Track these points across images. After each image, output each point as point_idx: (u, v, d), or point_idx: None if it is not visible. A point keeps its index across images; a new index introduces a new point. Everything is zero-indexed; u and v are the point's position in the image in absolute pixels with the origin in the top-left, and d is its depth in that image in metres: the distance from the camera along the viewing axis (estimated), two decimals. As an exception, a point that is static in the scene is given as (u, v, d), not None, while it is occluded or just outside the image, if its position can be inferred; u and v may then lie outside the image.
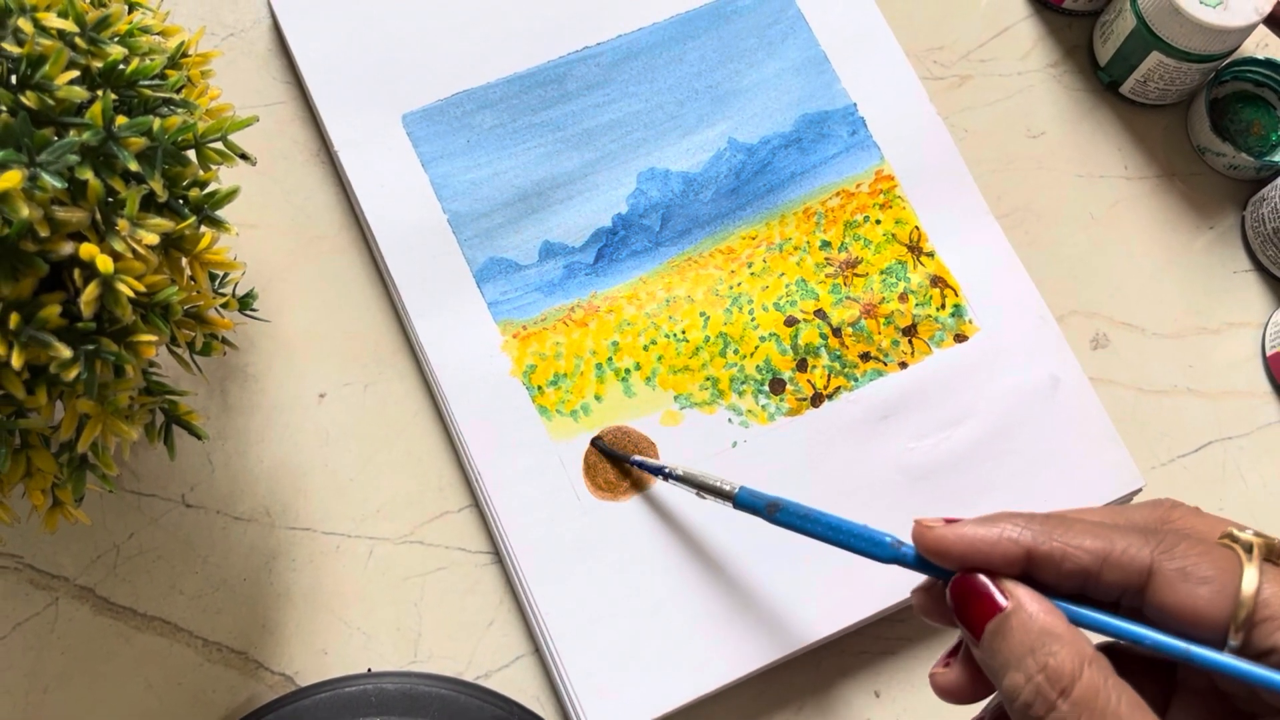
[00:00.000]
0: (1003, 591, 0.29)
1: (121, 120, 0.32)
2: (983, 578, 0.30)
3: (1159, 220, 0.55)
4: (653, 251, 0.50)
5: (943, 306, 0.50)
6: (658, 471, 0.44)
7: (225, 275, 0.45)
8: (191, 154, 0.35)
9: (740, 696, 0.46)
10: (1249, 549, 0.29)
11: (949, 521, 0.31)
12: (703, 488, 0.41)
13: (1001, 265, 0.51)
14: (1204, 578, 0.28)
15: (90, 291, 0.31)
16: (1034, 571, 0.30)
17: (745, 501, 0.39)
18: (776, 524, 0.37)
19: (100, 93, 0.32)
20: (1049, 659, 0.28)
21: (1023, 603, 0.29)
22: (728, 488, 0.40)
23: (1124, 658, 0.31)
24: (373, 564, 0.46)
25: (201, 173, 0.36)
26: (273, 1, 0.51)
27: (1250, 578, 0.28)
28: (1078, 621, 0.29)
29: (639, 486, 0.46)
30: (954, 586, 0.30)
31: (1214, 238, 0.55)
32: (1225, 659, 0.27)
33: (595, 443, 0.46)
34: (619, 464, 0.46)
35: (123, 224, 0.32)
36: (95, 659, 0.44)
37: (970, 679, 0.31)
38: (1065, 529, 0.30)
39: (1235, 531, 0.29)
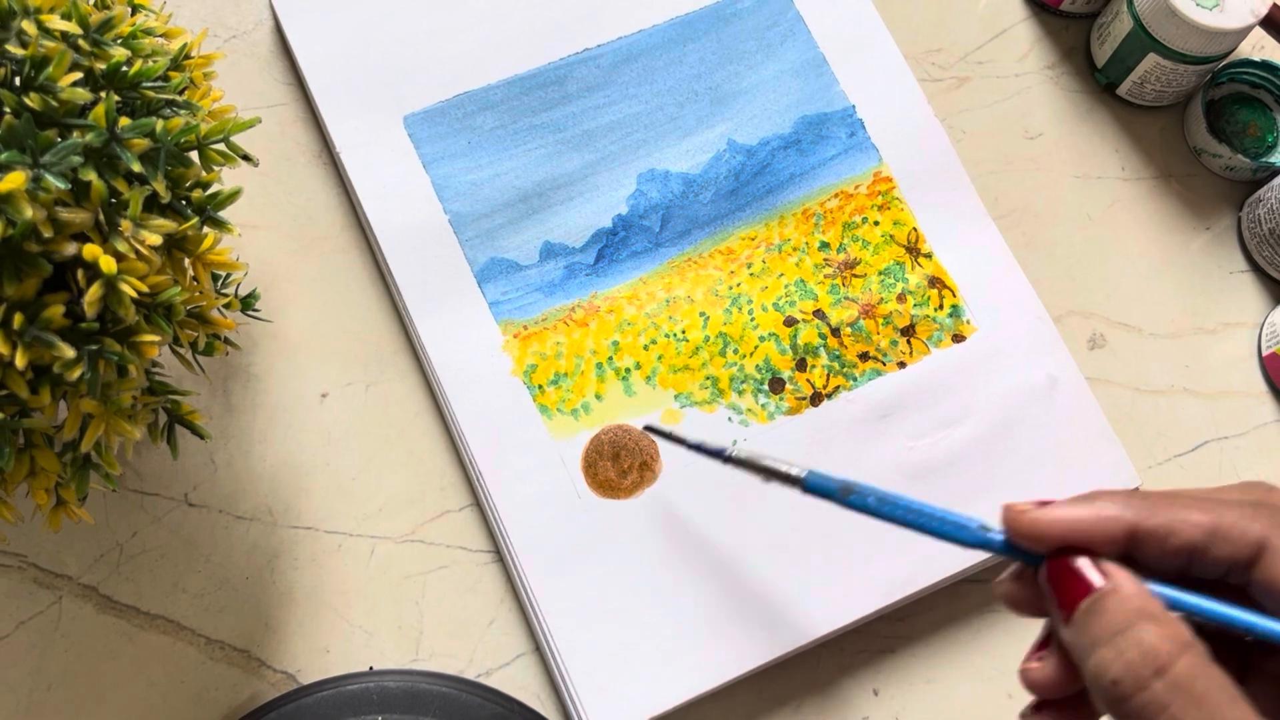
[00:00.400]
0: (1100, 571, 0.28)
1: (125, 122, 0.32)
2: (1081, 558, 0.29)
3: (1156, 221, 0.55)
4: (653, 252, 0.50)
5: (941, 307, 0.50)
6: (718, 454, 0.41)
7: (228, 276, 0.45)
8: (194, 155, 0.36)
9: (740, 694, 0.46)
10: None
11: (1040, 504, 0.30)
12: (768, 473, 0.39)
13: (999, 266, 0.51)
14: None
15: (94, 292, 0.31)
16: (1137, 550, 0.29)
17: (816, 486, 0.36)
18: (850, 507, 0.35)
19: (103, 94, 0.32)
20: (1144, 635, 0.27)
21: (1120, 583, 0.28)
22: (796, 472, 0.37)
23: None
24: (374, 563, 0.46)
25: (204, 174, 0.36)
26: (275, 4, 0.51)
27: None
28: (1176, 607, 0.28)
29: (639, 486, 0.46)
30: (1051, 567, 0.29)
31: (1210, 238, 0.55)
32: None
33: (648, 428, 0.45)
34: (616, 467, 0.46)
35: (126, 225, 0.32)
36: (98, 657, 0.44)
37: (1063, 671, 0.30)
38: (1170, 503, 0.29)
39: None
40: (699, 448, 0.42)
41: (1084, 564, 0.28)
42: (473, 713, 0.43)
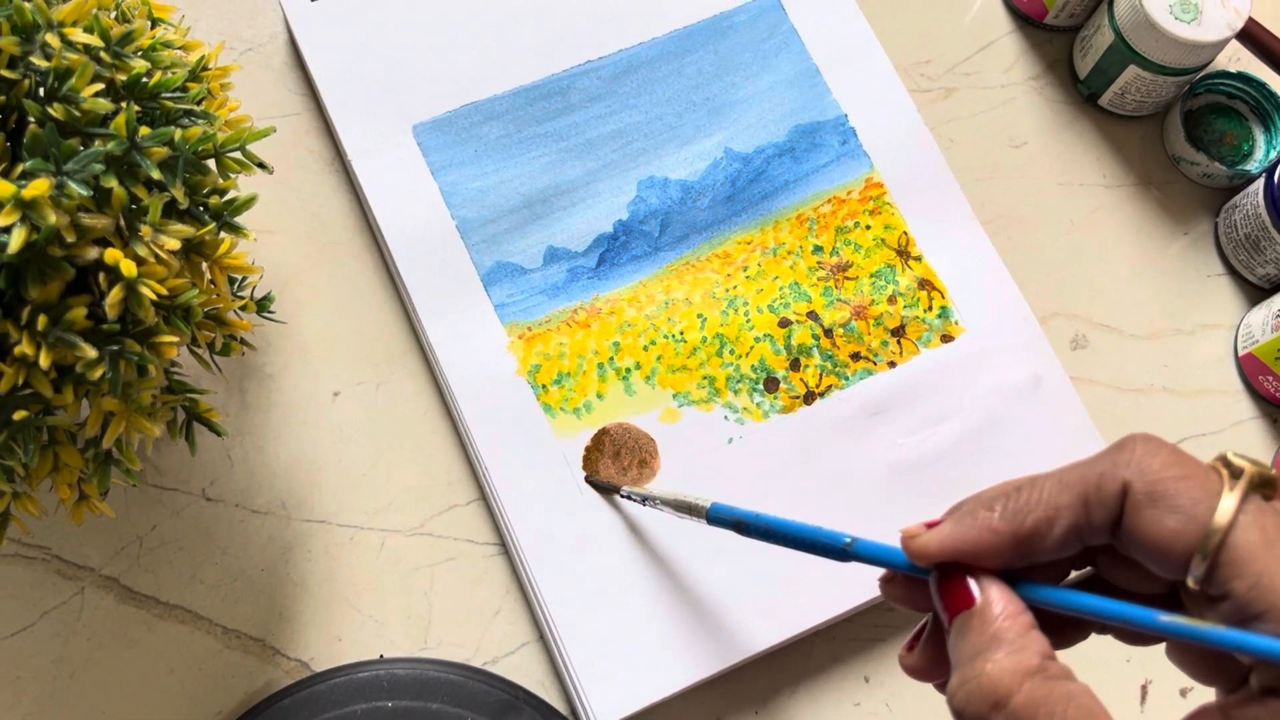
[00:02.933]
0: (979, 585, 0.27)
1: (144, 131, 0.32)
2: (961, 574, 0.28)
3: (1136, 226, 0.55)
4: (652, 256, 0.50)
5: (930, 308, 0.50)
6: (643, 501, 0.43)
7: (244, 279, 0.45)
8: (211, 163, 0.36)
9: (736, 682, 0.46)
10: (1237, 475, 0.25)
11: (930, 525, 0.29)
12: (678, 507, 0.40)
13: (986, 269, 0.51)
14: (1175, 505, 0.25)
15: (115, 294, 0.31)
16: (1031, 552, 0.27)
17: (715, 518, 0.38)
18: (747, 537, 0.36)
19: (124, 104, 0.32)
20: (987, 666, 0.25)
21: (989, 601, 0.27)
22: (703, 504, 0.39)
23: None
24: (385, 555, 0.46)
25: (221, 181, 0.36)
26: (289, 17, 0.51)
27: (1226, 506, 0.25)
28: (1066, 606, 0.27)
29: (638, 482, 0.46)
30: (939, 585, 0.28)
31: (1188, 243, 0.55)
32: (1179, 624, 0.24)
33: (589, 479, 0.46)
34: (625, 453, 0.46)
35: (145, 230, 0.32)
36: (119, 646, 0.44)
37: (932, 661, 0.30)
38: (1033, 490, 0.27)
39: (1230, 456, 0.26)
40: (629, 497, 0.44)
41: (965, 580, 0.27)
42: (479, 699, 0.43)
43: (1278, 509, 0.25)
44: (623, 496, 0.45)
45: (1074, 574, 0.30)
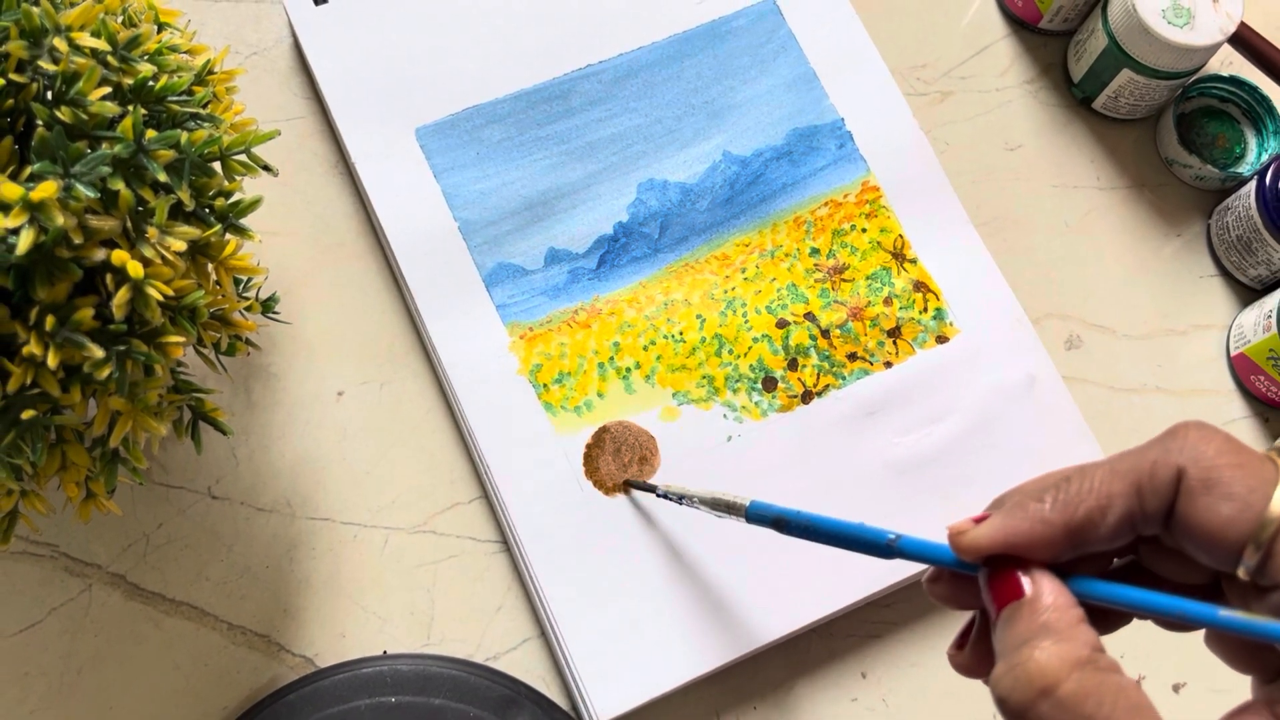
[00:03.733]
0: (1030, 578, 0.26)
1: (151, 134, 0.32)
2: (1016, 569, 0.27)
3: (1129, 228, 0.55)
4: (652, 258, 0.50)
5: (925, 310, 0.50)
6: (679, 500, 0.43)
7: (249, 280, 0.45)
8: (217, 166, 0.36)
9: (735, 677, 0.46)
10: None
11: (977, 520, 0.28)
12: (715, 505, 0.40)
13: (980, 271, 0.51)
14: (1230, 493, 0.24)
15: (122, 295, 0.31)
16: (1083, 542, 0.26)
17: (755, 516, 0.37)
18: (787, 534, 0.35)
19: (131, 108, 0.32)
20: (1035, 653, 0.25)
21: (1039, 593, 0.26)
22: (741, 503, 0.38)
23: None
24: (388, 552, 0.46)
25: (226, 183, 0.36)
26: (294, 22, 0.51)
27: None
28: (1113, 600, 0.26)
29: (638, 479, 0.46)
30: (989, 579, 0.27)
31: (1181, 245, 0.55)
32: (1225, 615, 0.24)
33: (629, 483, 0.46)
34: (625, 451, 0.46)
35: (152, 232, 0.32)
36: (126, 642, 0.44)
37: (983, 658, 0.29)
38: (1084, 479, 0.26)
39: None
40: (664, 495, 0.44)
41: (1016, 573, 0.27)
42: (481, 694, 0.43)
43: None
44: (659, 496, 0.44)
45: (1116, 561, 0.29)
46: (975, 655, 0.29)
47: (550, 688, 0.45)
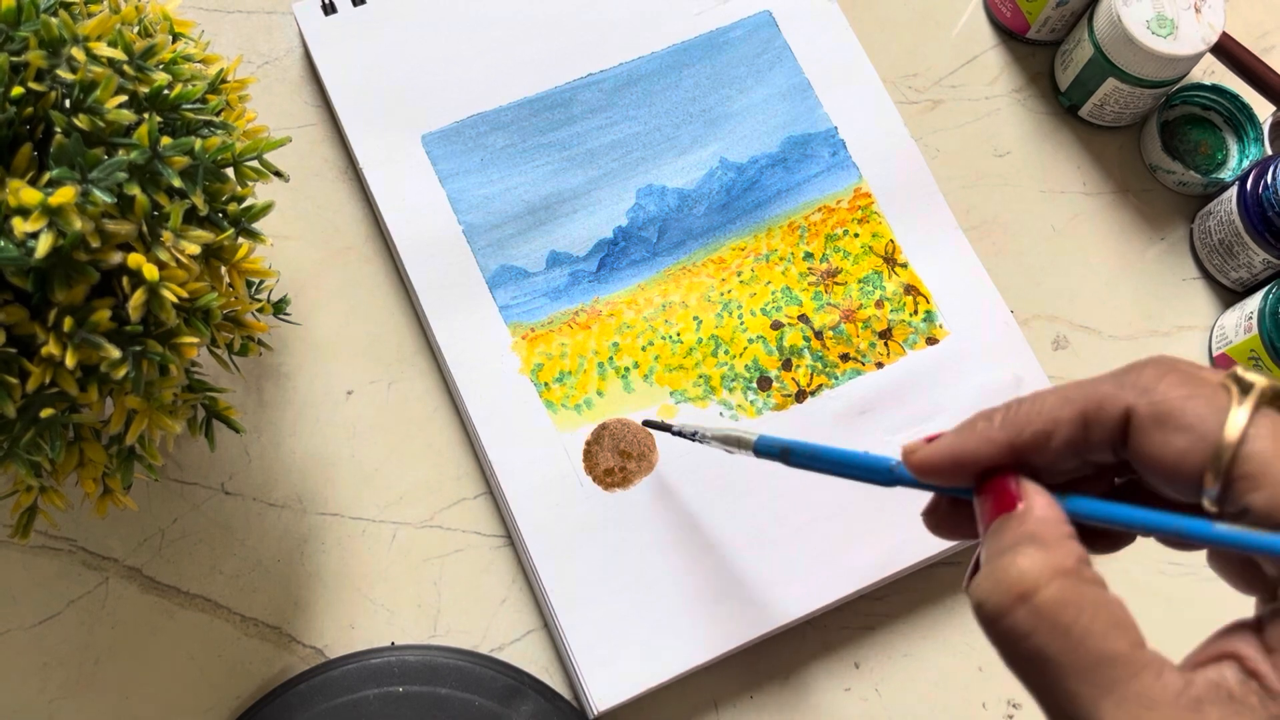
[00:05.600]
0: (1022, 491, 0.25)
1: (166, 141, 0.32)
2: (1008, 477, 0.26)
3: (1114, 232, 0.55)
4: (650, 261, 0.50)
5: (915, 312, 0.50)
6: (692, 436, 0.42)
7: (261, 282, 0.45)
8: (230, 171, 0.36)
9: (731, 668, 0.46)
10: (1247, 390, 0.23)
11: (930, 439, 0.27)
12: (726, 440, 0.40)
13: (969, 274, 0.51)
14: (1182, 425, 0.23)
15: (137, 297, 0.31)
16: (1029, 462, 0.26)
17: (763, 449, 0.37)
18: (792, 465, 0.35)
19: (146, 115, 0.32)
20: (1017, 559, 0.23)
21: (1031, 505, 0.25)
22: (750, 437, 0.38)
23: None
24: (396, 546, 0.47)
25: (239, 189, 0.36)
26: (305, 32, 0.51)
27: (1236, 421, 0.23)
28: (1107, 518, 0.25)
29: (636, 475, 0.46)
30: (980, 490, 0.26)
31: (1165, 248, 0.55)
32: (1219, 529, 0.23)
33: (647, 422, 0.46)
34: (624, 447, 0.46)
35: (167, 235, 0.33)
36: (142, 633, 0.44)
37: (945, 518, 0.28)
38: (1035, 403, 0.25)
39: (1240, 371, 0.24)
40: (679, 433, 0.43)
41: (1009, 483, 0.26)
42: (486, 684, 0.43)
43: None
44: (674, 434, 0.44)
45: (1118, 480, 0.28)
46: (941, 512, 0.28)
47: (553, 678, 0.45)
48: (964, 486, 0.27)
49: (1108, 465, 0.26)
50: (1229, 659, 0.23)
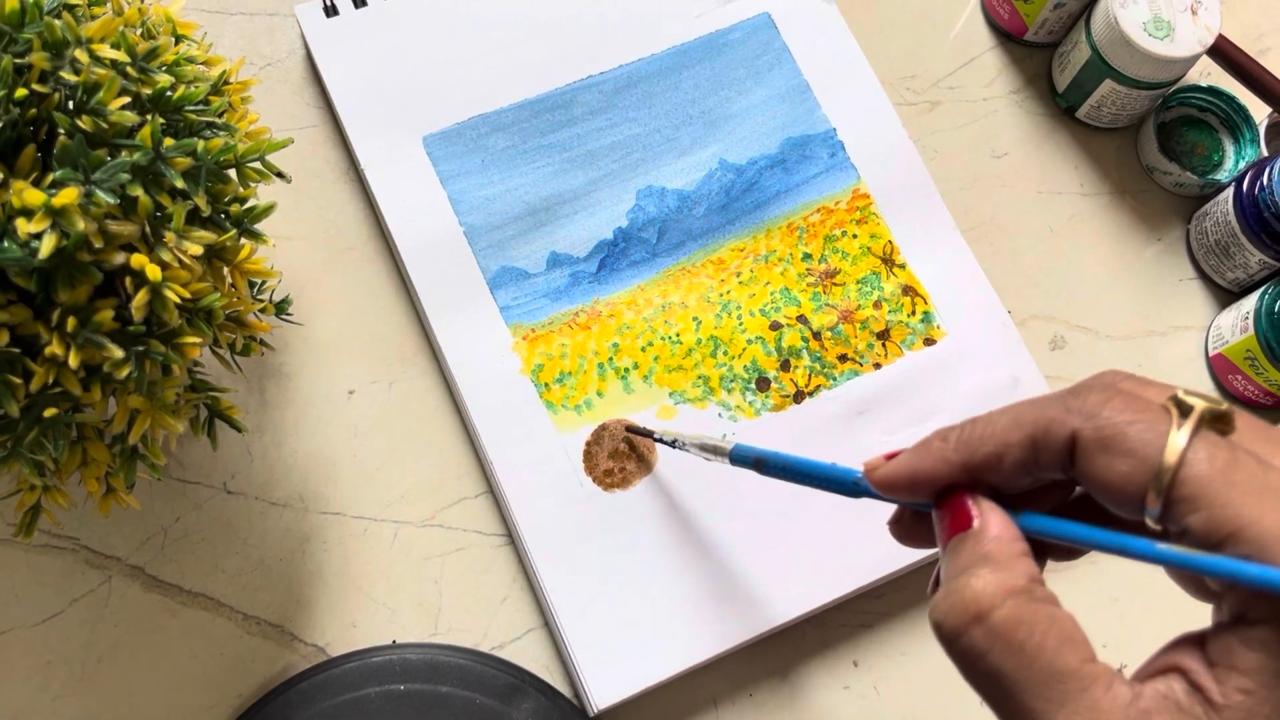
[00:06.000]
0: (978, 510, 0.26)
1: (169, 142, 0.32)
2: (965, 496, 0.26)
3: (1112, 233, 0.55)
4: (650, 262, 0.50)
5: (913, 313, 0.50)
6: (672, 443, 0.43)
7: (263, 283, 0.45)
8: (232, 173, 0.36)
9: (730, 666, 0.46)
10: (1187, 412, 0.24)
11: (889, 457, 0.28)
12: (703, 448, 0.40)
13: (967, 275, 0.51)
14: (1125, 449, 0.24)
15: (140, 298, 0.31)
16: (985, 481, 0.26)
17: (738, 458, 0.38)
18: (765, 475, 0.36)
19: (149, 117, 0.32)
20: (972, 580, 0.24)
21: (986, 524, 0.26)
22: (726, 446, 0.39)
23: None
24: (397, 545, 0.47)
25: (241, 190, 0.36)
26: (307, 35, 0.51)
27: (1175, 444, 0.23)
28: (1058, 535, 0.25)
29: (635, 476, 0.46)
30: (938, 507, 0.27)
31: (1161, 249, 0.55)
32: (1167, 550, 0.23)
33: (629, 428, 0.46)
34: (623, 448, 0.46)
35: (170, 236, 0.33)
36: (145, 631, 0.45)
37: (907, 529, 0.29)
38: (988, 424, 0.26)
39: (1181, 394, 0.24)
40: (659, 439, 0.44)
41: (965, 501, 0.26)
42: (487, 682, 0.43)
43: (1232, 443, 0.24)
44: (655, 440, 0.45)
45: (1079, 489, 0.29)
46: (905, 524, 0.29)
47: (554, 676, 0.45)
48: (924, 502, 0.28)
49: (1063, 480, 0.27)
50: (1175, 672, 0.24)
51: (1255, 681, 0.22)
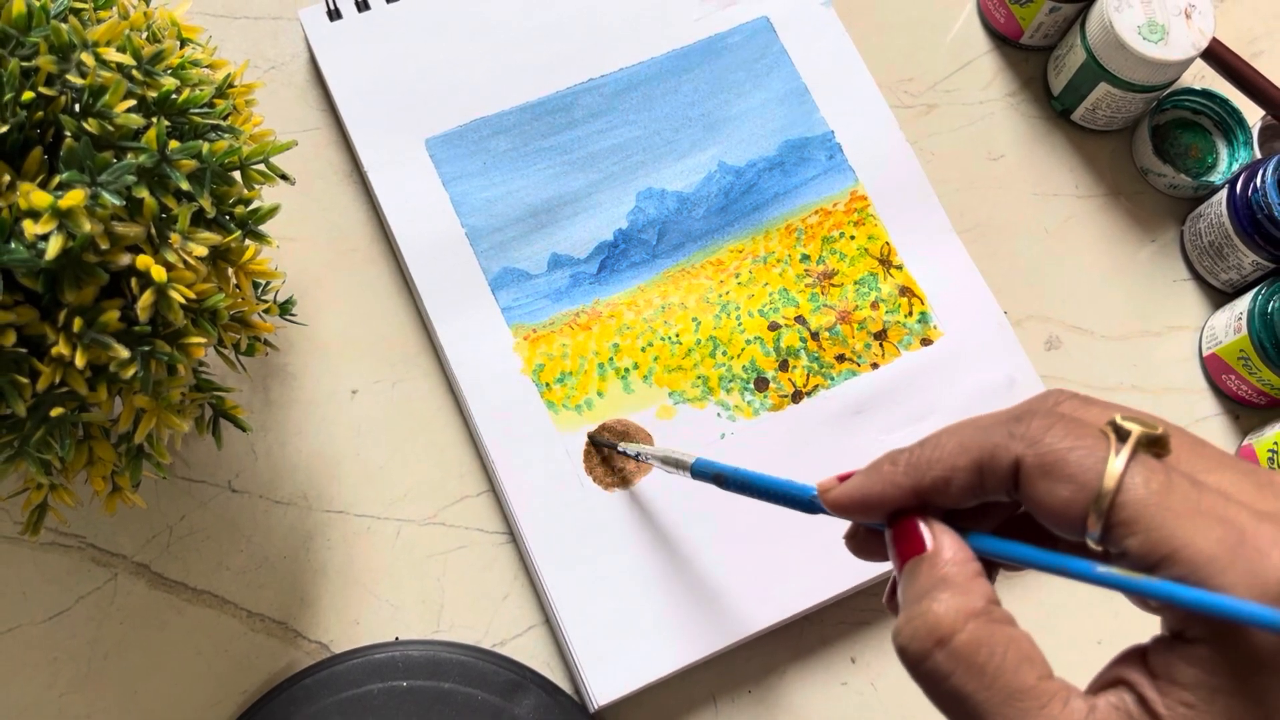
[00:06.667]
0: (930, 533, 0.27)
1: (174, 144, 0.32)
2: (916, 520, 0.27)
3: (1107, 234, 0.55)
4: (650, 263, 0.50)
5: (910, 314, 0.50)
6: (635, 455, 0.44)
7: (267, 283, 0.45)
8: (237, 175, 0.36)
9: (729, 663, 0.46)
10: (1124, 437, 0.24)
11: (842, 478, 0.29)
12: (666, 461, 0.40)
13: (963, 276, 0.51)
14: (1066, 475, 0.24)
15: (146, 298, 0.31)
16: (934, 503, 0.27)
17: (698, 472, 0.38)
18: (726, 490, 0.36)
19: (155, 120, 0.32)
20: (933, 605, 0.25)
21: (940, 547, 0.26)
22: (688, 460, 0.39)
23: None
24: (400, 543, 0.47)
25: (246, 191, 0.36)
26: (310, 38, 0.51)
27: (1113, 470, 0.24)
28: (1004, 556, 0.26)
29: (635, 475, 0.46)
30: (892, 530, 0.28)
31: (1156, 250, 0.55)
32: (1106, 573, 0.24)
33: (591, 440, 0.46)
34: (609, 455, 0.46)
35: (175, 238, 0.33)
36: (150, 628, 0.45)
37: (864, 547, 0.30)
38: (935, 449, 0.27)
39: (1119, 419, 0.25)
40: (623, 452, 0.45)
41: (916, 525, 0.27)
42: (489, 679, 0.44)
43: (1169, 465, 0.24)
44: (618, 452, 0.45)
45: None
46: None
47: (555, 672, 0.45)
48: (877, 522, 0.28)
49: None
50: (1124, 685, 0.24)
51: (1195, 696, 0.23)
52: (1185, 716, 0.23)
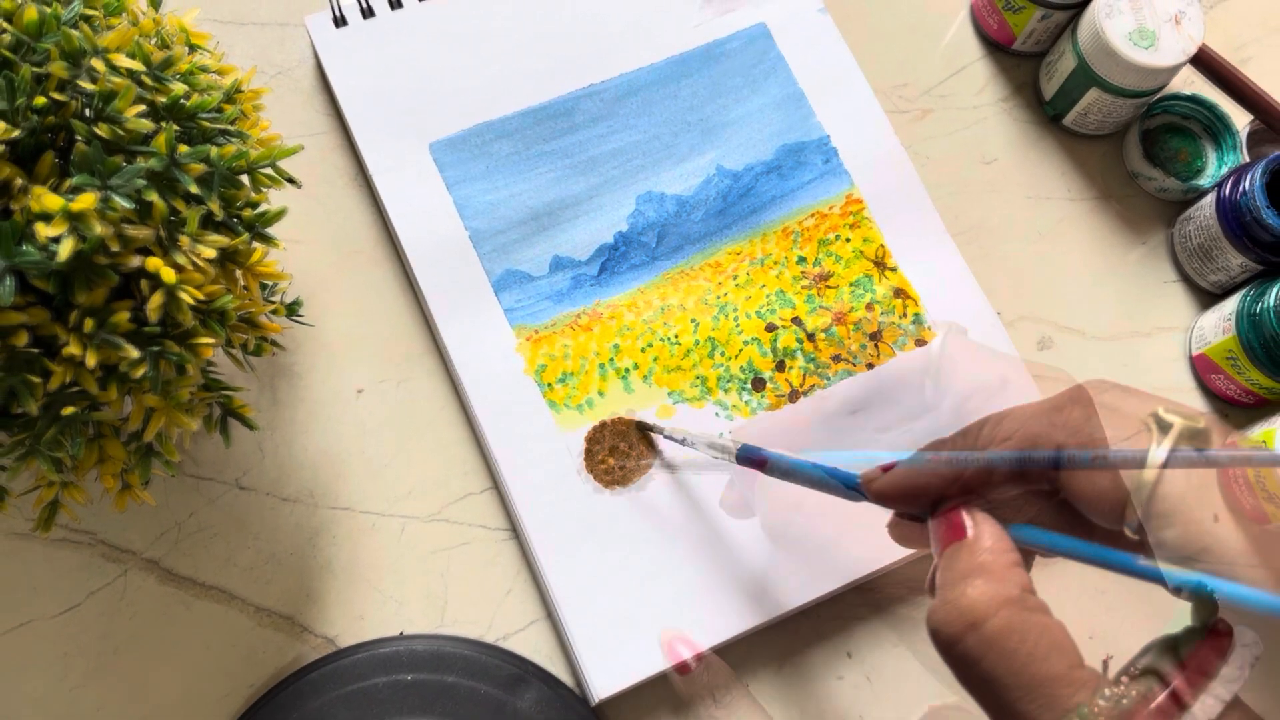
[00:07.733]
0: (972, 521, 0.27)
1: (183, 149, 0.32)
2: (960, 509, 0.27)
3: (1097, 237, 0.55)
4: (650, 265, 0.50)
5: (905, 315, 0.50)
6: (681, 441, 0.44)
7: (274, 285, 0.45)
8: (245, 178, 0.36)
9: (728, 657, 0.46)
10: (1166, 429, 0.25)
11: (885, 469, 0.29)
12: (712, 446, 0.41)
13: (956, 279, 0.51)
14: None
15: (156, 299, 0.31)
16: (976, 493, 0.27)
17: (743, 457, 0.38)
18: (768, 475, 0.36)
19: (164, 124, 0.32)
20: (968, 589, 0.25)
21: (980, 535, 0.26)
22: (733, 446, 0.39)
23: None
24: (404, 539, 0.47)
25: (253, 195, 0.36)
26: (316, 44, 0.51)
27: (1153, 461, 0.24)
28: (1045, 546, 0.26)
29: (635, 473, 0.46)
30: (935, 519, 0.28)
31: (1145, 252, 0.55)
32: (1146, 565, 0.24)
33: (639, 425, 0.47)
34: (623, 446, 0.46)
35: (184, 240, 0.33)
36: (160, 623, 0.45)
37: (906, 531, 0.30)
38: (977, 438, 0.27)
39: (1161, 411, 0.25)
40: (669, 436, 0.45)
41: (960, 514, 0.27)
42: (492, 672, 0.44)
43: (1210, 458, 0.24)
44: (665, 437, 0.45)
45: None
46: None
47: (557, 666, 0.46)
48: (919, 510, 0.28)
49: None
50: (1153, 675, 0.24)
51: (1226, 689, 0.23)
52: (1214, 708, 0.23)
